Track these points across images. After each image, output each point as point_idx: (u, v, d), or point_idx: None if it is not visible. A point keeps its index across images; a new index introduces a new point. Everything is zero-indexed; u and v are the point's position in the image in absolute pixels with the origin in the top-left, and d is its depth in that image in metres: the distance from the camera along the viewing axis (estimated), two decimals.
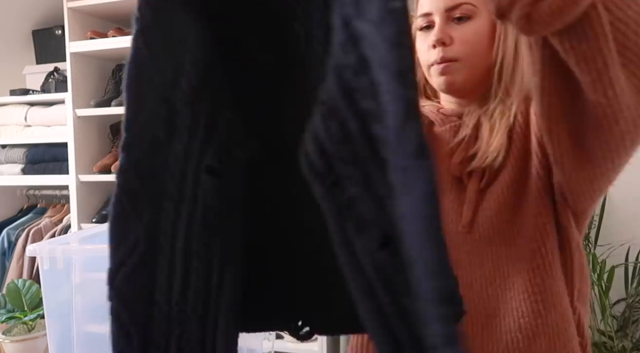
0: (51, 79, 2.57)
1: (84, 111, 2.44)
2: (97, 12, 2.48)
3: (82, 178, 2.44)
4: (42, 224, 2.57)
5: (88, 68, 2.52)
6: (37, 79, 2.65)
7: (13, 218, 2.73)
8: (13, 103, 2.62)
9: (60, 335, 0.89)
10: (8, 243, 2.57)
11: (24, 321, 1.50)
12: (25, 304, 1.55)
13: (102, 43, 2.37)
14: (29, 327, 1.52)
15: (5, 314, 1.52)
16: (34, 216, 2.70)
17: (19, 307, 1.55)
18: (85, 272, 0.90)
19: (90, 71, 2.54)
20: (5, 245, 2.57)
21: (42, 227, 2.56)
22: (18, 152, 2.61)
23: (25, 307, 1.55)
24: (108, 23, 2.60)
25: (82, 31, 2.45)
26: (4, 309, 1.56)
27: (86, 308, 0.89)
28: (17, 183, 2.61)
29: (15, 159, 2.61)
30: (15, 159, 2.61)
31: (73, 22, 2.43)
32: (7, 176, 2.60)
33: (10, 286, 1.60)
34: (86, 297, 0.89)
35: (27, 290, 1.58)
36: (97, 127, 2.56)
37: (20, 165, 2.60)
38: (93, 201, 2.53)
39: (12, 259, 2.52)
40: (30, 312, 1.53)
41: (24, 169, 2.59)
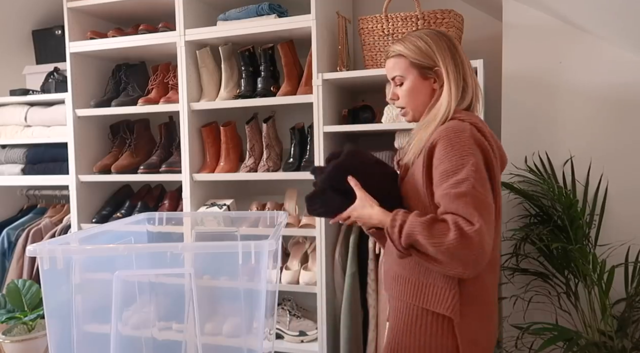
0: (51, 79, 2.57)
1: (84, 111, 2.44)
2: (97, 12, 2.49)
3: (82, 179, 2.44)
4: (42, 224, 2.57)
5: (88, 68, 2.52)
6: (37, 79, 2.65)
7: (13, 218, 2.73)
8: (13, 103, 2.62)
9: (60, 335, 0.89)
10: (8, 243, 2.57)
11: (24, 321, 1.50)
12: (25, 304, 1.55)
13: (102, 43, 2.37)
14: (29, 327, 1.52)
15: (5, 314, 1.52)
16: (34, 216, 2.70)
17: (19, 307, 1.56)
18: (85, 272, 0.90)
19: (90, 71, 2.54)
20: (5, 245, 2.57)
21: (42, 227, 2.56)
22: (18, 152, 2.61)
23: (25, 307, 1.55)
24: (108, 23, 2.60)
25: (82, 31, 2.45)
26: (4, 309, 1.56)
27: (86, 308, 0.89)
28: (17, 184, 2.61)
29: (15, 159, 2.61)
30: (15, 159, 2.61)
31: (73, 22, 2.43)
32: (7, 176, 2.60)
33: (10, 286, 1.60)
34: (86, 297, 0.89)
35: (27, 290, 1.59)
36: (97, 127, 2.57)
37: (20, 165, 2.60)
38: (93, 201, 2.53)
39: (12, 259, 2.52)
40: (30, 312, 1.53)
41: (24, 169, 2.59)
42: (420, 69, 1.25)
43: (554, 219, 1.87)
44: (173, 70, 2.40)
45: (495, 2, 2.08)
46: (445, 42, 1.25)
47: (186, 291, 1.14)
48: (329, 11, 2.14)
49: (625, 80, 1.91)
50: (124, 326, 1.01)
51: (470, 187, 1.03)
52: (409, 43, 1.26)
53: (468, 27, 2.14)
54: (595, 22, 1.88)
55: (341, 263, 2.08)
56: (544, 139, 2.01)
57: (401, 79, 1.28)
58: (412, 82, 1.27)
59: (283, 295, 2.30)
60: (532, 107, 2.02)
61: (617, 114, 1.93)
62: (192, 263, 0.97)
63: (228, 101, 2.23)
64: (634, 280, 1.81)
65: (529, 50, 2.01)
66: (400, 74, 1.28)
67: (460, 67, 1.24)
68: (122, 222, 1.30)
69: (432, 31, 1.28)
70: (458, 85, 1.22)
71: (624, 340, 1.75)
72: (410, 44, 1.26)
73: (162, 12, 2.43)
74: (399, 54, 1.27)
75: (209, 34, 2.20)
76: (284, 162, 2.26)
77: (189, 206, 2.24)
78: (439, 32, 1.28)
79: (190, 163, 2.26)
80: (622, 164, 1.93)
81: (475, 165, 1.07)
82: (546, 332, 1.72)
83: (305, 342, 2.17)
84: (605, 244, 1.92)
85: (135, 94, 2.45)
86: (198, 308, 0.86)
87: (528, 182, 1.97)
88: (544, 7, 1.94)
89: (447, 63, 1.22)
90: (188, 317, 0.90)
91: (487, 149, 1.13)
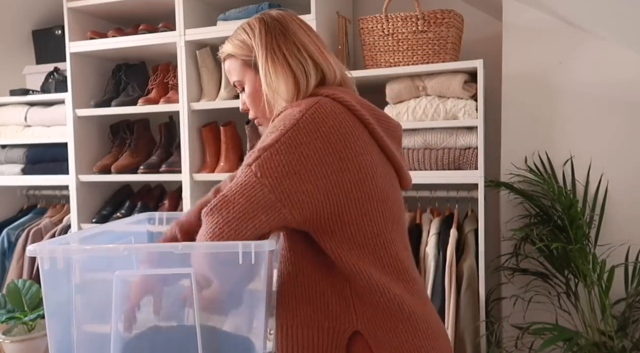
0: (51, 79, 2.57)
1: (84, 111, 2.44)
2: (97, 12, 2.48)
3: (82, 179, 2.44)
4: (42, 224, 2.57)
5: (88, 68, 2.52)
6: (37, 79, 2.65)
7: (13, 218, 2.73)
8: (13, 103, 2.62)
9: (60, 335, 0.89)
10: (8, 243, 2.57)
11: (24, 321, 1.50)
12: (25, 304, 1.55)
13: (102, 43, 2.37)
14: (29, 327, 1.52)
15: (5, 314, 1.52)
16: (34, 216, 2.70)
17: (19, 307, 1.55)
18: (85, 272, 0.90)
19: (90, 71, 2.54)
20: (5, 245, 2.57)
21: (42, 227, 2.56)
22: (18, 152, 2.60)
23: (25, 307, 1.55)
24: (108, 23, 2.60)
25: (82, 31, 2.45)
26: (4, 309, 1.56)
27: (86, 308, 0.89)
28: (17, 184, 2.61)
29: (15, 159, 2.61)
30: (15, 159, 2.61)
31: (73, 22, 2.43)
32: (7, 176, 2.60)
33: (10, 286, 1.59)
34: (86, 297, 0.89)
35: (27, 290, 1.58)
36: (97, 127, 2.56)
37: (20, 165, 2.60)
38: (93, 201, 2.53)
39: (12, 259, 2.52)
40: (30, 312, 1.53)
41: (24, 169, 2.59)
42: (254, 66, 1.03)
43: (554, 219, 1.86)
44: (173, 70, 2.40)
45: (495, 2, 2.08)
46: (267, 22, 1.03)
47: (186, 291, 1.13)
48: (329, 11, 2.14)
49: (625, 80, 1.91)
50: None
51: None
52: (235, 38, 1.07)
53: (468, 27, 2.14)
54: (595, 22, 1.88)
55: None
56: (544, 139, 2.01)
57: (241, 83, 1.08)
58: (251, 84, 1.06)
59: None
60: (532, 107, 2.02)
61: (617, 113, 1.93)
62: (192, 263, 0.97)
63: (228, 101, 2.23)
64: (634, 280, 1.81)
65: (529, 50, 2.01)
66: (238, 78, 1.08)
67: (296, 48, 1.00)
68: (122, 222, 1.30)
69: (258, 15, 1.07)
70: (287, 71, 0.99)
71: (624, 340, 1.75)
72: (235, 39, 1.07)
73: (162, 12, 2.43)
74: (229, 55, 1.08)
75: (209, 34, 2.19)
76: None
77: (189, 206, 2.24)
78: (265, 12, 1.07)
79: (190, 163, 2.26)
80: (622, 164, 1.93)
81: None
82: (546, 332, 1.72)
83: None
84: (605, 244, 1.92)
85: (135, 94, 2.45)
86: (198, 308, 0.86)
87: (528, 182, 1.97)
88: (544, 7, 1.94)
89: (266, 49, 1.00)
90: (188, 317, 0.90)
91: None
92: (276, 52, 1.00)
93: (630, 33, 1.81)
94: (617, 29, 1.85)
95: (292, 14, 1.08)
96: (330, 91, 0.98)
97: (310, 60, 1.01)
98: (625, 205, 1.93)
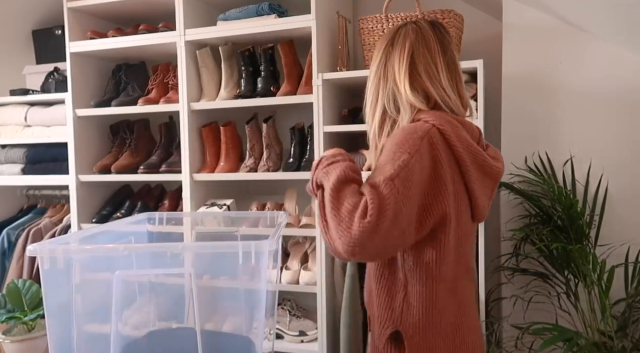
0: (51, 79, 2.57)
1: (84, 111, 2.44)
2: (97, 12, 2.48)
3: (82, 179, 2.44)
4: (42, 224, 2.57)
5: (88, 68, 2.52)
6: (37, 79, 2.65)
7: (13, 218, 2.73)
8: (13, 103, 2.62)
9: (60, 335, 0.89)
10: (8, 243, 2.57)
11: (24, 321, 1.50)
12: (25, 304, 1.55)
13: (102, 43, 2.37)
14: (29, 327, 1.52)
15: (5, 314, 1.52)
16: (34, 216, 2.70)
17: (19, 307, 1.55)
18: (85, 272, 0.90)
19: (90, 71, 2.54)
20: (5, 245, 2.57)
21: (42, 227, 2.56)
22: (18, 152, 2.60)
23: (25, 307, 1.55)
24: (108, 23, 2.60)
25: (82, 31, 2.45)
26: (4, 309, 1.56)
27: (86, 308, 0.89)
28: (17, 184, 2.61)
29: (15, 159, 2.61)
30: (15, 159, 2.61)
31: (73, 22, 2.43)
32: (7, 176, 2.60)
33: (10, 286, 1.60)
34: (86, 297, 0.89)
35: (27, 290, 1.59)
36: (97, 127, 2.56)
37: (20, 165, 2.60)
38: (93, 201, 2.53)
39: (12, 259, 2.52)
40: (30, 312, 1.53)
41: (24, 169, 2.59)
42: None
43: (554, 219, 1.86)
44: (173, 70, 2.40)
45: (495, 2, 2.08)
46: (391, 36, 1.18)
47: (186, 291, 1.14)
48: (329, 11, 2.14)
49: (625, 80, 1.91)
50: (124, 326, 1.01)
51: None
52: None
53: (468, 27, 2.14)
54: (595, 22, 1.88)
55: (341, 264, 2.08)
56: (544, 139, 2.01)
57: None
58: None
59: (283, 295, 2.30)
60: (532, 107, 2.02)
61: (617, 114, 1.93)
62: (192, 263, 0.97)
63: (228, 101, 2.23)
64: (634, 280, 1.81)
65: (529, 51, 2.01)
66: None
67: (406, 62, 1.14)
68: (122, 222, 1.30)
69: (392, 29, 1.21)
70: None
71: (624, 340, 1.75)
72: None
73: (162, 12, 2.43)
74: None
75: (209, 34, 2.20)
76: (284, 162, 2.26)
77: (189, 206, 2.24)
78: (400, 25, 1.20)
79: (190, 163, 2.26)
80: (622, 164, 1.93)
81: (406, 164, 0.97)
82: (546, 332, 1.72)
83: (305, 342, 2.17)
84: (605, 244, 1.92)
85: (135, 93, 2.45)
86: (198, 308, 0.86)
87: (528, 182, 1.97)
88: (544, 7, 1.94)
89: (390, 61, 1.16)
90: (188, 317, 0.90)
91: (438, 158, 1.03)
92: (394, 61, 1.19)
93: (630, 33, 1.81)
94: (617, 29, 1.85)
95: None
96: (440, 121, 1.07)
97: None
98: (625, 205, 1.93)
